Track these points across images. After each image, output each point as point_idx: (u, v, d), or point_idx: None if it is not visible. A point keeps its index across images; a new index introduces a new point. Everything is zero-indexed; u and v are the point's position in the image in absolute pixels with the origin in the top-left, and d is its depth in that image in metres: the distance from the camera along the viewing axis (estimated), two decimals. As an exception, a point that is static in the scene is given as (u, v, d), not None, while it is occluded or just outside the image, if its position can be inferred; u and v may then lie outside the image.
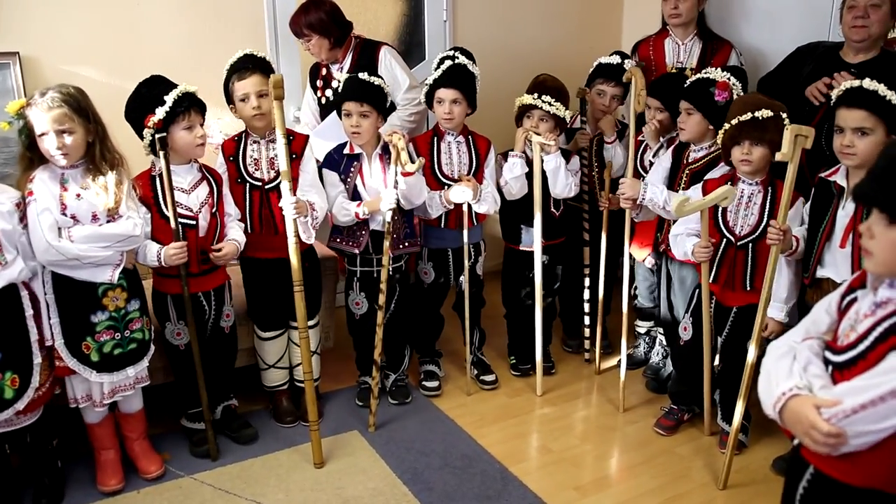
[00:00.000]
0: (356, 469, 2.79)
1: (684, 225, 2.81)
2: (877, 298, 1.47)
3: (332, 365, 3.41)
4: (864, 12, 2.84)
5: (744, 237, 2.70)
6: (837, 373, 1.48)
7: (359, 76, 2.92)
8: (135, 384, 2.65)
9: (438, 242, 3.20)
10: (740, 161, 2.65)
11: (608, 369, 3.55)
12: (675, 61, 3.55)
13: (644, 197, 2.95)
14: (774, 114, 2.58)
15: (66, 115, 2.36)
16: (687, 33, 3.56)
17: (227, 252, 2.75)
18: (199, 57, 3.47)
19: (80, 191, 2.44)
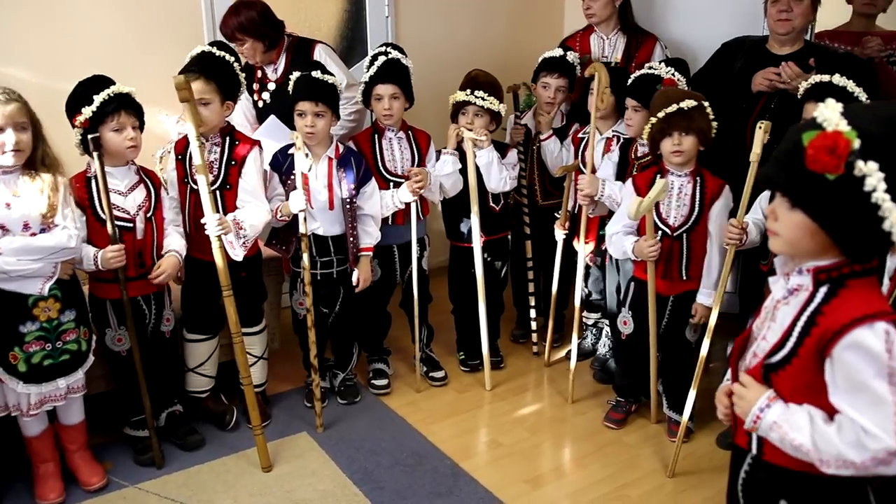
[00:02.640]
0: (305, 471, 2.76)
1: (619, 223, 2.85)
2: (789, 285, 1.50)
3: (280, 366, 3.36)
4: (788, 6, 2.94)
5: (678, 228, 2.75)
6: (773, 374, 1.50)
7: (312, 74, 2.87)
8: (66, 395, 2.56)
9: (384, 239, 3.16)
10: (672, 153, 2.70)
11: (557, 361, 3.57)
12: (600, 55, 3.61)
13: (603, 193, 2.98)
14: (698, 103, 2.65)
15: (21, 110, 2.30)
16: (609, 28, 3.62)
17: (165, 268, 2.68)
18: (135, 55, 3.38)
19: (11, 199, 2.35)
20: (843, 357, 1.37)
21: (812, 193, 1.37)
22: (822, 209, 1.37)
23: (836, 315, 1.39)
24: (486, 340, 3.32)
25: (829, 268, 1.43)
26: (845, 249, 1.40)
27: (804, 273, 1.47)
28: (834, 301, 1.42)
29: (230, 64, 2.82)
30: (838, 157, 1.31)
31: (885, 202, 1.30)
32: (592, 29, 3.66)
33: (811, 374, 1.43)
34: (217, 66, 2.77)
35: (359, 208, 3.01)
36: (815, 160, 1.33)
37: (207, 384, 3.06)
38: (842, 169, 1.31)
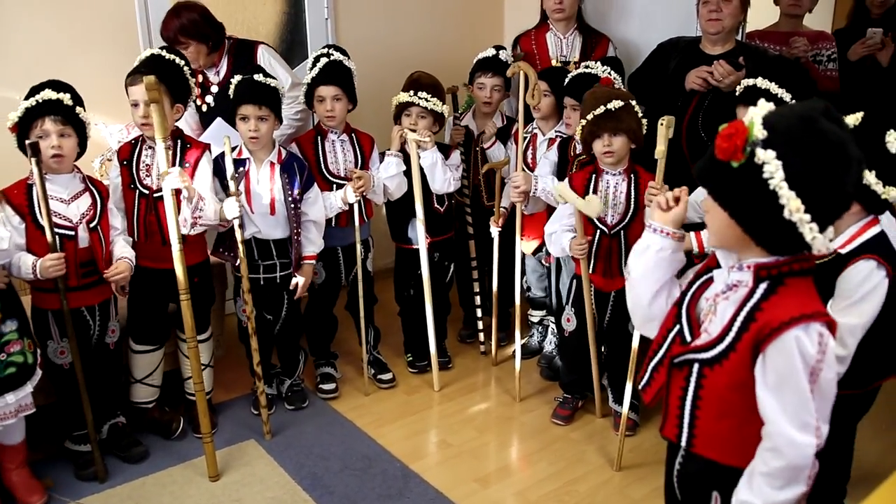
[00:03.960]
0: (254, 479, 2.72)
1: (558, 222, 2.89)
2: (729, 280, 1.55)
3: (225, 374, 3.31)
4: (717, 6, 3.02)
5: (615, 226, 2.81)
6: (707, 368, 1.53)
7: (254, 78, 2.84)
8: (17, 412, 2.47)
9: (328, 241, 3.14)
10: (603, 153, 2.76)
11: (504, 360, 3.60)
12: (558, 55, 3.63)
13: (537, 188, 3.02)
14: (625, 102, 2.70)
15: None
16: (569, 27, 3.64)
17: (121, 270, 2.62)
18: (69, 61, 3.28)
19: None
20: (776, 354, 1.42)
21: (720, 182, 1.44)
22: (729, 198, 1.43)
23: (774, 312, 1.44)
24: (433, 341, 3.33)
25: (769, 265, 1.47)
26: (758, 240, 1.45)
27: (745, 269, 1.51)
28: (773, 298, 1.46)
29: (180, 67, 2.77)
30: (735, 144, 1.37)
31: (782, 189, 1.35)
32: (547, 27, 3.66)
33: (747, 371, 1.47)
34: (167, 68, 2.71)
35: (303, 214, 2.99)
36: (719, 148, 1.41)
37: (153, 394, 2.99)
38: (741, 155, 1.37)
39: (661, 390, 1.64)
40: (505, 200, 3.40)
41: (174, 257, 2.58)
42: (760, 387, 1.45)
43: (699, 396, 1.55)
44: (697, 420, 1.56)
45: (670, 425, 1.63)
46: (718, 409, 1.53)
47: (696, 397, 1.56)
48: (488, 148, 3.40)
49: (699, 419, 1.56)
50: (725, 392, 1.51)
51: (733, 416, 1.51)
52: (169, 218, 2.58)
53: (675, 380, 1.61)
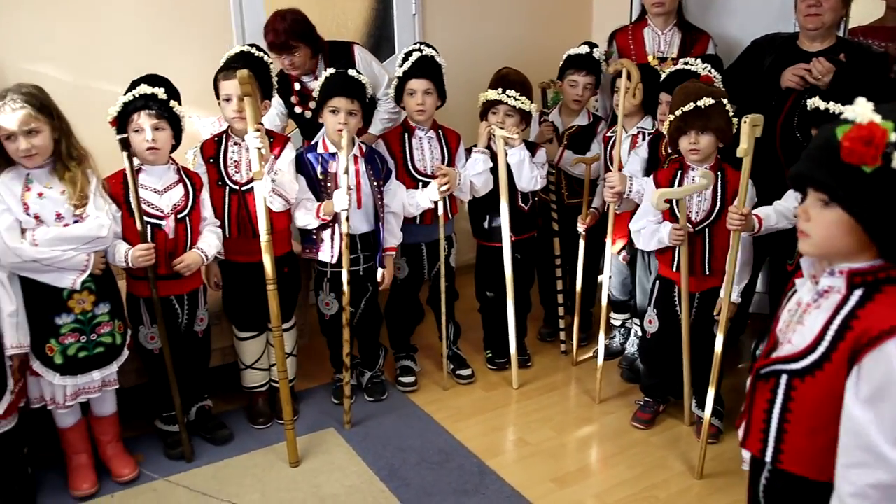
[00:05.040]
0: (332, 467, 2.78)
1: (644, 218, 2.83)
2: (819, 287, 1.47)
3: (307, 363, 3.38)
4: (817, 1, 2.88)
5: (700, 223, 2.73)
6: (797, 380, 1.46)
7: (347, 72, 2.89)
8: (101, 387, 2.61)
9: (412, 238, 3.18)
10: (688, 150, 2.69)
11: (584, 361, 3.56)
12: (655, 51, 3.54)
13: (631, 190, 2.96)
14: (716, 101, 2.61)
15: (30, 116, 2.32)
16: (667, 23, 3.54)
17: (188, 263, 2.69)
18: (164, 55, 3.42)
19: (44, 189, 2.40)
20: (873, 365, 1.33)
21: (848, 187, 1.33)
22: (859, 203, 1.33)
23: (871, 320, 1.35)
24: (513, 339, 3.32)
25: (864, 271, 1.39)
26: (882, 247, 1.36)
27: (836, 275, 1.43)
28: (869, 305, 1.37)
29: (268, 65, 2.86)
30: (875, 148, 1.28)
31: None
32: (645, 23, 3.58)
33: (842, 382, 1.39)
34: (256, 64, 2.79)
35: (385, 205, 3.02)
36: (851, 152, 1.30)
37: (263, 378, 3.10)
38: (879, 160, 1.29)
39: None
40: (596, 200, 3.36)
41: (262, 248, 2.65)
42: (851, 399, 1.36)
43: (788, 409, 1.48)
44: (786, 434, 1.49)
45: (753, 439, 1.56)
46: (810, 423, 1.46)
47: (784, 410, 1.49)
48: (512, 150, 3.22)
49: (788, 433, 1.49)
50: (818, 405, 1.44)
51: (827, 431, 1.43)
52: (258, 208, 2.65)
53: (759, 392, 1.54)
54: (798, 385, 1.46)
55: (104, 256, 2.55)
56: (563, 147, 3.42)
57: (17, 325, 2.41)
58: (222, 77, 2.79)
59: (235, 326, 3.03)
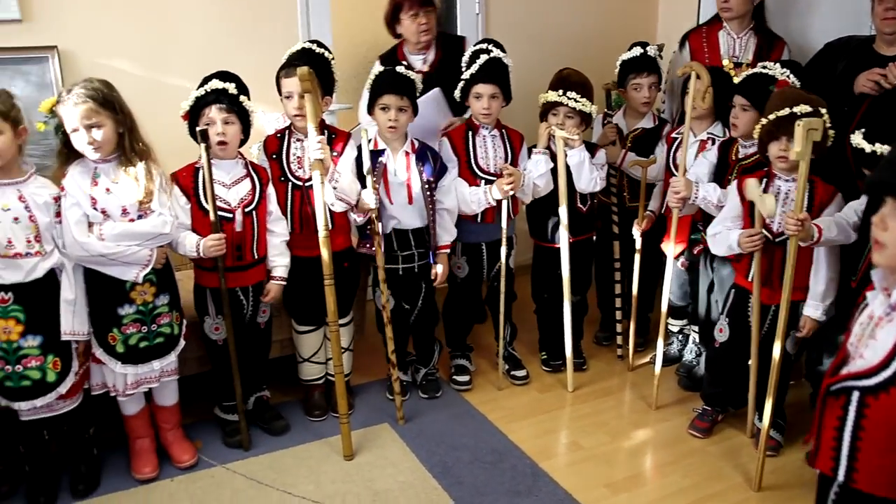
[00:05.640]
0: (386, 462, 2.80)
1: (721, 223, 2.77)
2: (892, 300, 1.42)
3: (363, 358, 3.41)
4: (895, 3, 2.78)
5: (781, 234, 2.65)
6: (870, 397, 1.42)
7: (396, 69, 2.90)
8: (160, 377, 2.68)
9: (473, 237, 3.18)
10: (777, 157, 2.61)
11: (640, 366, 3.52)
12: (730, 55, 3.44)
13: (697, 196, 2.90)
14: (813, 109, 2.53)
15: (92, 110, 2.38)
16: (742, 27, 3.44)
17: (273, 295, 2.85)
18: (231, 51, 3.48)
19: (110, 184, 2.47)
20: None
21: None
22: None
23: None
24: (569, 341, 3.30)
25: None
26: None
27: None
28: None
29: (330, 62, 2.89)
30: None
31: None
32: (720, 25, 3.50)
33: None
34: (317, 61, 2.82)
35: (437, 202, 3.03)
36: None
37: (320, 372, 3.14)
38: None
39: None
40: (653, 203, 3.31)
41: (320, 243, 2.69)
42: None
43: (861, 427, 1.44)
44: (859, 453, 1.45)
45: (824, 457, 1.52)
46: (887, 441, 1.41)
47: (857, 428, 1.45)
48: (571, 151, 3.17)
49: (861, 452, 1.45)
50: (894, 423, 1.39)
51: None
52: (317, 203, 2.68)
53: (830, 409, 1.50)
54: (871, 402, 1.42)
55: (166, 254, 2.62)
56: (626, 150, 3.38)
57: (74, 312, 2.49)
58: (284, 74, 2.83)
59: (294, 320, 3.07)
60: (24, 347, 2.42)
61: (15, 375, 2.42)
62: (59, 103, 2.41)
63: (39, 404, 2.46)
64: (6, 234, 2.34)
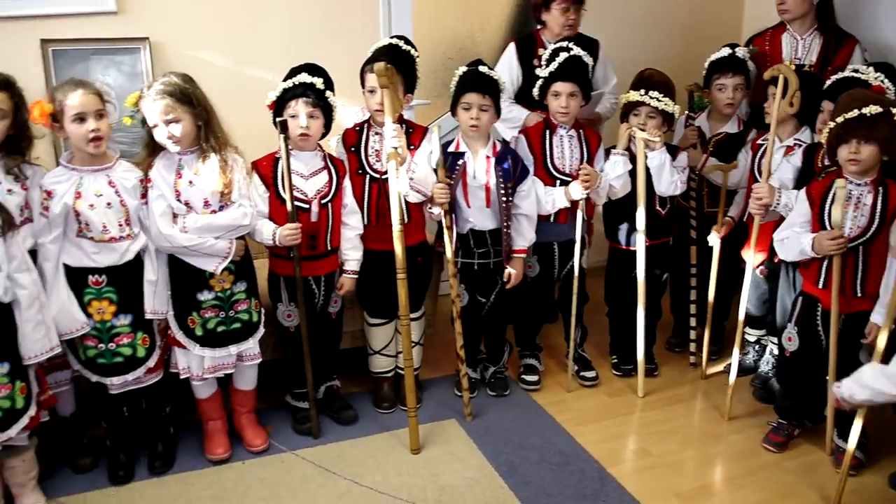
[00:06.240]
0: (452, 457, 2.80)
1: (789, 228, 2.69)
2: None
3: (433, 353, 3.42)
4: None
5: (854, 239, 2.56)
6: None
7: (479, 69, 2.90)
8: (237, 362, 2.74)
9: (545, 236, 3.16)
10: (847, 160, 2.53)
11: (713, 375, 3.44)
12: (792, 57, 3.38)
13: (779, 203, 2.82)
14: (884, 110, 2.44)
15: (170, 106, 2.45)
16: (805, 27, 3.38)
17: (348, 288, 2.91)
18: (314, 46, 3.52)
19: (193, 177, 2.54)
20: None
21: None
22: None
23: None
24: (641, 346, 3.24)
25: None
26: None
27: None
28: None
29: (414, 58, 2.90)
30: None
31: None
32: (784, 27, 3.44)
33: None
34: (401, 58, 2.84)
35: (514, 206, 3.01)
36: None
37: (390, 364, 3.17)
38: None
39: None
40: (733, 209, 3.23)
41: (394, 237, 2.71)
42: None
43: None
44: None
45: None
46: None
47: None
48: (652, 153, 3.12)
49: None
50: None
51: None
52: (392, 196, 2.70)
53: None
54: None
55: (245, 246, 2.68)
56: (708, 154, 3.30)
57: (155, 293, 2.58)
58: (368, 69, 2.86)
59: (367, 312, 3.11)
60: (117, 326, 2.53)
61: (108, 353, 2.53)
62: (141, 98, 2.49)
63: (131, 378, 2.58)
64: (101, 220, 2.45)
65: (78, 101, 2.37)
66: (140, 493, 2.61)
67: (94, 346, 2.52)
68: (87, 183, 2.45)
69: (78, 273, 2.47)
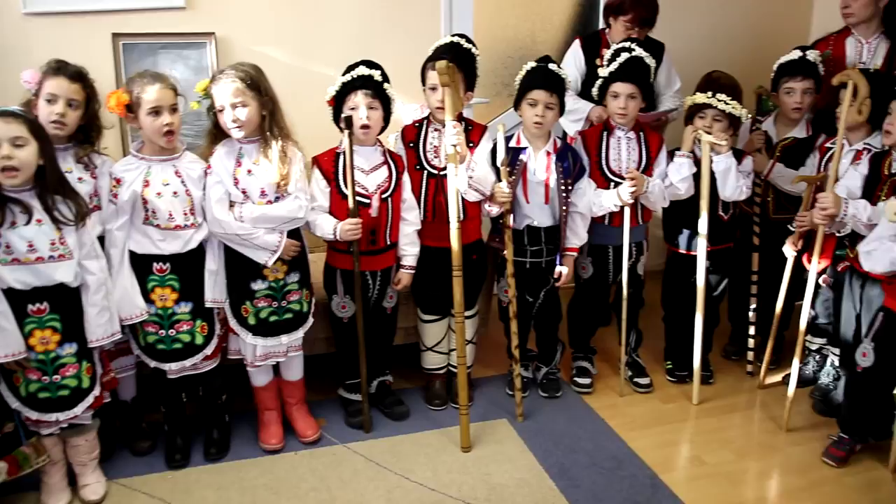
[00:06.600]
0: (503, 457, 2.79)
1: (878, 241, 2.59)
2: None
3: (485, 352, 3.42)
4: None
5: None
6: None
7: (548, 66, 2.88)
8: (287, 352, 2.78)
9: (599, 239, 3.13)
10: None
11: (771, 385, 3.35)
12: (857, 61, 3.30)
13: (846, 213, 2.73)
14: None
15: (239, 90, 2.50)
16: (870, 32, 3.29)
17: (405, 283, 2.93)
18: (373, 41, 3.56)
19: (252, 166, 2.58)
20: None
21: None
22: None
23: None
24: (698, 353, 3.19)
25: None
26: None
27: None
28: None
29: (475, 57, 2.90)
30: None
31: None
32: (849, 32, 3.36)
33: None
34: (462, 56, 2.84)
35: (572, 205, 2.99)
36: None
37: (442, 361, 3.18)
38: None
39: None
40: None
41: (451, 234, 2.71)
42: None
43: None
44: None
45: None
46: None
47: None
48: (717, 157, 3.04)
49: None
50: None
51: None
52: (450, 194, 2.70)
53: None
54: None
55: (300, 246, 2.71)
56: (776, 159, 3.22)
57: (215, 282, 2.64)
58: (430, 67, 2.86)
59: (420, 309, 3.11)
60: (178, 313, 2.59)
61: (168, 339, 2.60)
62: (212, 83, 2.54)
63: (188, 364, 2.64)
64: (167, 208, 2.51)
65: (155, 95, 2.44)
66: (195, 478, 2.66)
67: (154, 332, 2.59)
68: (155, 172, 2.52)
69: (143, 260, 2.54)
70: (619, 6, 3.37)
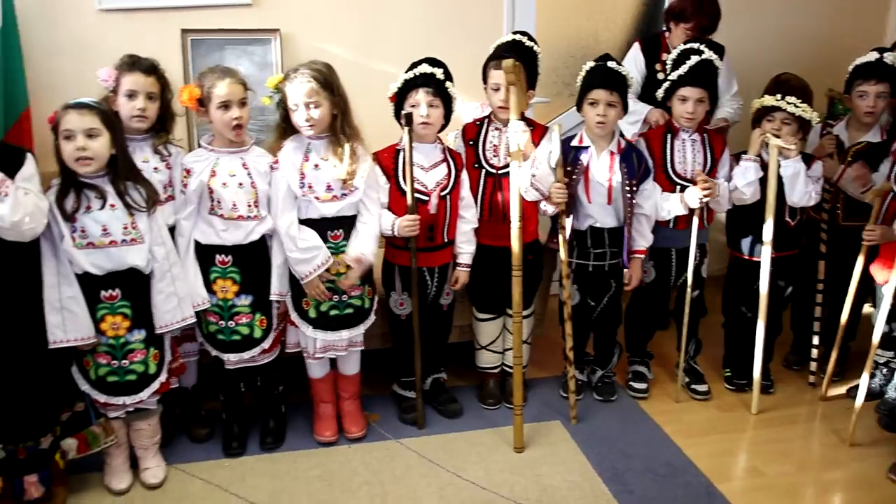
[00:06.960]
0: (556, 459, 2.78)
1: None
2: None
3: (540, 353, 3.40)
4: None
5: None
6: None
7: (607, 64, 2.85)
8: (348, 346, 2.80)
9: (662, 242, 3.08)
10: None
11: (834, 397, 3.26)
12: None
13: None
14: None
15: (314, 90, 2.52)
16: None
17: (463, 281, 2.93)
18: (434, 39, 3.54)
19: (320, 161, 2.61)
20: None
21: None
22: None
23: None
24: (758, 361, 3.11)
25: None
26: None
27: None
28: None
29: (536, 54, 2.88)
30: None
31: None
32: None
33: None
34: (525, 54, 2.83)
35: (636, 206, 2.95)
36: None
37: (496, 360, 3.17)
38: None
39: None
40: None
41: (512, 234, 2.69)
42: None
43: None
44: None
45: None
46: None
47: None
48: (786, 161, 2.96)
49: None
50: None
51: None
52: (512, 194, 2.68)
53: None
54: None
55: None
56: (847, 165, 3.12)
57: (281, 276, 2.68)
58: (493, 66, 2.85)
59: (475, 307, 3.11)
60: (238, 306, 2.64)
61: (227, 330, 2.65)
62: (285, 80, 2.58)
63: (246, 356, 2.69)
64: (232, 198, 2.56)
65: (225, 90, 2.50)
66: (251, 466, 2.71)
67: (215, 322, 2.64)
68: (222, 163, 2.58)
69: (207, 251, 2.60)
70: (681, 13, 3.32)
